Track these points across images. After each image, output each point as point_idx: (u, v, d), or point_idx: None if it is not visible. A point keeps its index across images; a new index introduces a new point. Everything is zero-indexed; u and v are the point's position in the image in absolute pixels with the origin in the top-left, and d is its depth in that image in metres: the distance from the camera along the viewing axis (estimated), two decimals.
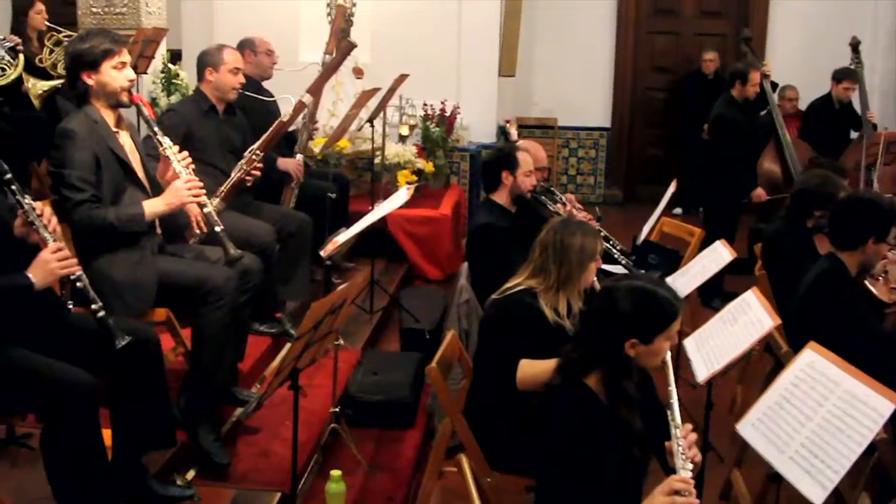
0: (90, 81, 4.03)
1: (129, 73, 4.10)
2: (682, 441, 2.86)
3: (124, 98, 4.09)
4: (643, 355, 2.93)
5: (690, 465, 2.83)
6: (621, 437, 2.89)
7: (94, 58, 3.99)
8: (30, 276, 3.22)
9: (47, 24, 6.98)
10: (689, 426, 2.93)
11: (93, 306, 3.37)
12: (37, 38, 7.00)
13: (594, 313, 3.04)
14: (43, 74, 6.61)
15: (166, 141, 4.17)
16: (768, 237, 5.42)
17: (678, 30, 11.40)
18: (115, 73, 4.03)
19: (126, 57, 4.08)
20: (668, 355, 3.00)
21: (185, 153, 4.20)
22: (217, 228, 4.18)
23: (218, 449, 4.19)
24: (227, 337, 4.21)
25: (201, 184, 4.14)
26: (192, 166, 4.19)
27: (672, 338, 2.97)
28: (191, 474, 4.13)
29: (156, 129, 4.16)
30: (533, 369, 3.68)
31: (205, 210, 4.19)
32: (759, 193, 7.56)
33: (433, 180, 8.64)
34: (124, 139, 4.17)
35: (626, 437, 2.90)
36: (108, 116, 4.10)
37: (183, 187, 4.06)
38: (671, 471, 2.92)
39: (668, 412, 2.93)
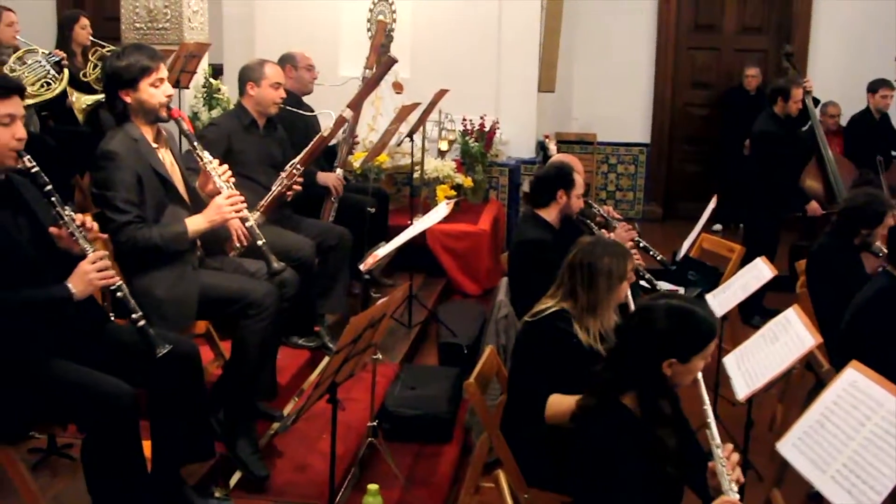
0: (128, 99, 4.02)
1: (167, 88, 4.10)
2: (726, 461, 2.85)
3: (163, 114, 4.08)
4: (679, 374, 2.92)
5: (735, 486, 2.81)
6: (657, 455, 2.88)
7: (132, 76, 3.98)
8: (69, 286, 3.24)
9: (91, 39, 7.08)
10: (730, 446, 2.92)
11: (132, 316, 3.39)
12: (81, 53, 7.11)
13: (631, 332, 3.03)
14: (86, 89, 6.71)
15: (206, 155, 4.18)
16: (813, 254, 5.37)
17: (719, 45, 11.35)
18: (153, 91, 4.02)
19: (164, 73, 4.08)
20: (700, 374, 3.00)
21: (226, 167, 4.21)
22: (259, 242, 4.19)
23: (256, 461, 4.19)
24: (266, 350, 4.24)
25: (242, 197, 4.15)
26: (233, 180, 4.20)
27: (707, 357, 2.96)
28: (233, 481, 4.17)
29: (195, 143, 4.17)
30: (562, 406, 3.64)
31: (247, 224, 4.20)
32: (815, 208, 7.47)
33: (472, 195, 8.64)
34: (164, 155, 4.17)
35: (662, 455, 2.89)
36: (148, 132, 4.10)
37: (224, 203, 4.07)
38: (700, 486, 2.92)
39: (708, 431, 2.92)
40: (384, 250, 4.82)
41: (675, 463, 2.91)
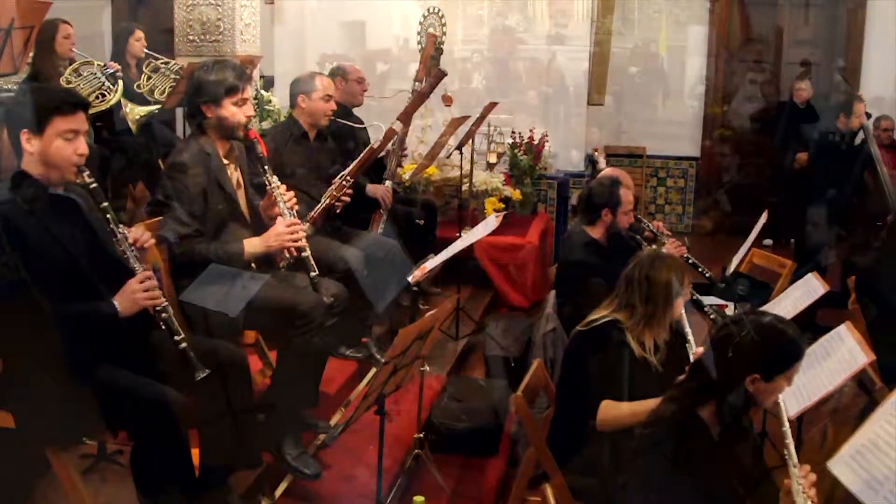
0: (209, 114, 4.08)
1: (249, 109, 4.16)
2: (803, 480, 2.84)
3: (240, 134, 4.14)
4: (761, 392, 2.90)
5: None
6: (727, 471, 2.87)
7: (217, 93, 4.05)
8: (115, 303, 3.28)
9: (146, 51, 7.17)
10: (807, 467, 2.92)
11: (175, 338, 3.41)
12: (135, 65, 7.19)
13: (719, 343, 3.00)
14: (140, 100, 6.79)
15: (275, 179, 4.19)
16: (864, 270, 5.31)
17: (770, 59, 11.24)
18: (234, 109, 4.08)
19: (248, 93, 4.14)
20: (781, 397, 2.98)
21: (291, 194, 4.23)
22: (312, 274, 4.18)
23: (307, 459, 4.20)
24: (313, 361, 4.25)
25: (303, 227, 4.18)
26: (297, 208, 4.22)
27: (791, 379, 2.94)
28: (280, 490, 4.19)
29: (266, 167, 4.18)
30: (615, 411, 3.63)
31: (303, 255, 4.18)
32: None
33: (520, 208, 8.62)
34: (233, 171, 4.21)
35: (734, 472, 2.88)
36: (220, 148, 4.15)
37: (285, 231, 4.09)
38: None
39: (785, 452, 2.91)
40: (433, 263, 4.83)
41: (745, 482, 2.91)
